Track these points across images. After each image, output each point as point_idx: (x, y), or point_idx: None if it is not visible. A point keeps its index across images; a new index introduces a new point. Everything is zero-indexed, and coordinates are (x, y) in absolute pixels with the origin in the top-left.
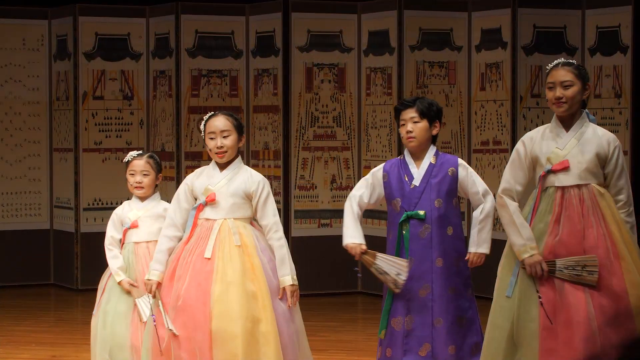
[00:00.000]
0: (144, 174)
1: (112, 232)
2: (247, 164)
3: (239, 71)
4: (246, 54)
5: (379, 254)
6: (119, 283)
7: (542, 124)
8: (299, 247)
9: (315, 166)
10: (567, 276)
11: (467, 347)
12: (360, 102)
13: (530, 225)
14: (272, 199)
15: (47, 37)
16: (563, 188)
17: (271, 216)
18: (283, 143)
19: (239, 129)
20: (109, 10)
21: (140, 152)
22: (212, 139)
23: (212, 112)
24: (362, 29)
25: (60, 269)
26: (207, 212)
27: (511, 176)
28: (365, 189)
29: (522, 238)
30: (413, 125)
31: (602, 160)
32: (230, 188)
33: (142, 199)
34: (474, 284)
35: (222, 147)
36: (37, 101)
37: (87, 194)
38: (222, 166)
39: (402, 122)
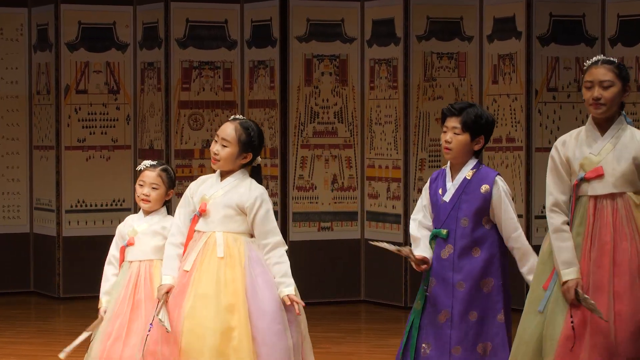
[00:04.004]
0: (153, 187)
1: (112, 250)
2: None
3: (233, 63)
4: (241, 44)
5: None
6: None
7: (559, 120)
8: (297, 252)
9: (315, 165)
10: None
11: None
12: (363, 97)
13: None
14: (271, 215)
15: (26, 26)
16: (596, 197)
17: (272, 235)
18: (280, 140)
19: (244, 145)
20: None
21: (155, 162)
22: (215, 141)
23: (238, 116)
24: (366, 18)
25: (41, 276)
26: (200, 224)
27: (554, 187)
28: (422, 210)
29: (557, 262)
30: (453, 136)
31: None
32: (224, 199)
33: (146, 212)
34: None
35: (216, 154)
36: (16, 95)
37: (70, 195)
38: (224, 175)
39: (444, 129)
